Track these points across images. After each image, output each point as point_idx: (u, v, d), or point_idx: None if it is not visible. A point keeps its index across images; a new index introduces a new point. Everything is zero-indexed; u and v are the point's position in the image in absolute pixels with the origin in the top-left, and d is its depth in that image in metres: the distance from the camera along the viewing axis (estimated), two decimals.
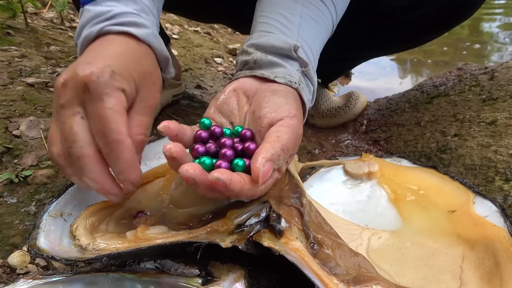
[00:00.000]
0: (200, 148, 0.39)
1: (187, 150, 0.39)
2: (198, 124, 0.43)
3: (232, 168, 0.37)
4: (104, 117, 0.35)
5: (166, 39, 0.87)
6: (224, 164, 0.37)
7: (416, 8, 0.72)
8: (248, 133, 0.41)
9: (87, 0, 0.43)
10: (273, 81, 0.44)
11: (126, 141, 0.36)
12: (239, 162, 0.37)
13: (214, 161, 0.37)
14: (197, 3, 0.85)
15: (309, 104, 0.48)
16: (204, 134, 0.41)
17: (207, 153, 0.39)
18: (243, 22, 0.92)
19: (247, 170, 0.37)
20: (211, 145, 0.40)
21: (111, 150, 0.36)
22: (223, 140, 0.40)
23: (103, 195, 0.39)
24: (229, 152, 0.38)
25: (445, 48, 2.09)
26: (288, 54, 0.46)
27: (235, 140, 0.41)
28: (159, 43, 0.44)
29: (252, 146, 0.39)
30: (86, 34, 0.42)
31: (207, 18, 1.07)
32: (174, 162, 0.36)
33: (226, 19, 0.96)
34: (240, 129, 0.42)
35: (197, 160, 0.37)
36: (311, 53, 0.49)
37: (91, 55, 0.40)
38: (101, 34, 0.41)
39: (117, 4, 0.42)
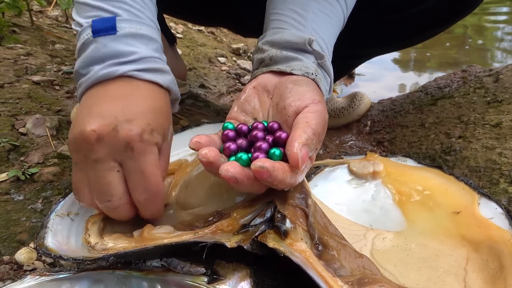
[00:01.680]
0: (232, 145, 0.39)
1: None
2: (221, 129, 0.43)
3: (269, 158, 0.37)
4: (147, 173, 0.38)
5: (172, 39, 0.87)
6: (261, 155, 0.36)
7: (420, 2, 0.72)
8: (276, 125, 0.41)
9: (101, 29, 0.40)
10: (291, 74, 0.45)
11: (162, 192, 0.40)
12: (275, 151, 0.37)
13: (249, 155, 0.37)
14: (200, 8, 0.85)
15: (326, 95, 0.48)
16: (231, 133, 0.41)
17: (239, 150, 0.39)
18: (245, 26, 0.92)
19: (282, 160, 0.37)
20: (243, 141, 0.39)
21: (149, 202, 0.40)
22: (254, 133, 0.40)
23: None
24: (264, 145, 0.38)
25: (447, 44, 2.09)
26: (303, 48, 0.47)
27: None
28: (176, 87, 0.46)
29: (283, 135, 0.38)
30: (104, 72, 0.40)
31: (209, 22, 1.08)
32: (210, 166, 0.36)
33: (228, 23, 0.96)
34: (266, 124, 0.42)
35: (233, 158, 0.37)
36: (326, 46, 0.49)
37: (127, 108, 0.38)
38: (123, 76, 0.40)
39: (138, 45, 0.41)
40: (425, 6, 0.73)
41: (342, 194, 0.56)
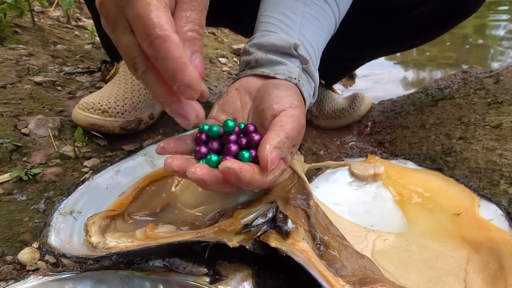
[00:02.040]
0: (203, 149, 0.39)
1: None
2: (197, 130, 0.43)
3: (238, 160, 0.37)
4: (143, 14, 0.31)
5: None
6: (229, 157, 0.37)
7: (420, 5, 0.72)
8: (251, 127, 0.42)
9: None
10: (274, 78, 0.45)
11: (171, 36, 0.31)
12: (244, 154, 0.38)
13: (220, 158, 0.38)
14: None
15: (310, 100, 0.49)
16: (204, 136, 0.41)
17: (210, 152, 0.39)
18: (246, 26, 0.92)
19: (253, 162, 0.37)
20: (214, 143, 0.40)
21: (157, 50, 0.31)
22: (225, 136, 0.40)
23: (172, 114, 0.36)
24: (234, 147, 0.39)
25: (448, 44, 2.09)
26: (288, 52, 0.47)
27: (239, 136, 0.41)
28: None
29: (256, 137, 0.39)
30: None
31: (211, 22, 1.08)
32: (176, 174, 0.36)
33: (229, 23, 0.97)
34: (242, 125, 0.42)
35: (203, 160, 0.38)
36: (313, 50, 0.50)
37: None
38: None
39: None
40: (424, 9, 0.73)
41: (343, 196, 0.56)
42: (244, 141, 0.40)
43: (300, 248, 0.36)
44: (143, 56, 0.33)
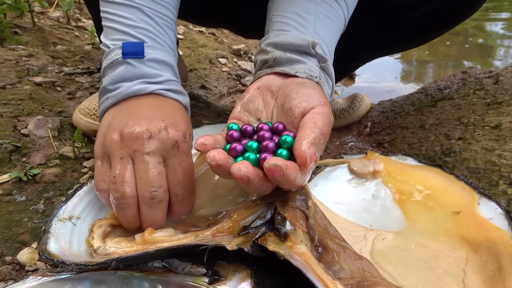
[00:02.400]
0: (238, 146, 0.38)
1: None
2: (226, 129, 0.43)
3: None
4: (188, 170, 0.43)
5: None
6: (269, 155, 0.36)
7: (422, 4, 0.72)
8: (280, 126, 0.41)
9: (131, 52, 0.45)
10: (295, 76, 0.45)
11: (195, 190, 0.45)
12: (282, 151, 0.37)
13: (257, 156, 0.37)
14: (201, 9, 0.85)
15: (329, 98, 0.49)
16: (236, 133, 0.41)
17: (245, 150, 0.39)
18: (246, 27, 0.92)
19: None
20: (250, 141, 0.39)
21: (185, 197, 0.43)
22: (261, 133, 0.40)
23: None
24: (271, 144, 0.38)
25: (448, 43, 2.09)
26: (307, 51, 0.47)
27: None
28: (189, 107, 0.51)
29: (291, 134, 0.38)
30: (137, 88, 0.45)
31: (210, 23, 1.08)
32: (219, 169, 0.36)
33: (229, 24, 0.97)
34: (270, 124, 0.42)
35: (240, 158, 0.37)
36: (327, 49, 0.50)
37: (167, 114, 0.44)
38: (152, 93, 0.45)
39: (162, 69, 0.47)
40: (425, 9, 0.73)
41: (343, 194, 0.56)
42: (276, 139, 0.39)
43: (298, 251, 0.36)
44: (166, 190, 0.42)
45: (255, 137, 0.41)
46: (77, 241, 0.41)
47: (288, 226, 0.38)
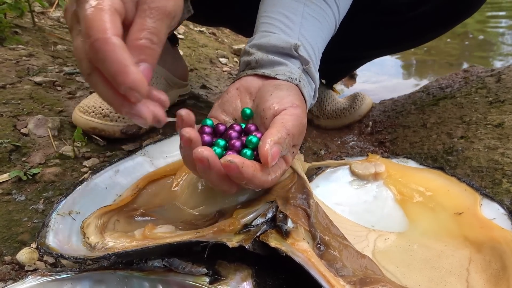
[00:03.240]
0: (206, 137, 0.39)
1: None
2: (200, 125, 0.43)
3: None
4: (86, 17, 0.31)
5: (174, 39, 0.87)
6: (232, 153, 0.37)
7: (421, 4, 0.72)
8: (252, 127, 0.42)
9: None
10: (275, 78, 0.45)
11: (110, 39, 0.31)
12: (247, 152, 0.38)
13: (223, 152, 0.38)
14: (201, 8, 0.85)
15: (310, 101, 0.49)
16: (208, 129, 0.41)
17: (213, 145, 0.39)
18: (246, 25, 0.92)
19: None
20: (219, 139, 0.40)
21: (96, 52, 0.31)
22: (229, 132, 0.41)
23: (127, 116, 0.34)
24: (237, 143, 0.39)
25: (448, 40, 2.08)
26: (289, 53, 0.47)
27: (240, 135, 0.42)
28: None
29: (258, 135, 0.39)
30: None
31: (211, 22, 1.08)
32: (188, 145, 0.36)
33: (229, 23, 0.96)
34: (243, 126, 0.43)
35: None
36: (313, 51, 0.50)
37: None
38: None
39: None
40: (425, 8, 0.72)
41: (344, 195, 0.56)
42: (245, 139, 0.40)
43: (300, 248, 0.36)
44: (88, 59, 0.32)
45: (224, 136, 0.41)
46: (76, 235, 0.41)
47: (290, 224, 0.38)
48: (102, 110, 0.67)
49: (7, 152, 0.62)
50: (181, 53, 1.38)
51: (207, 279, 0.36)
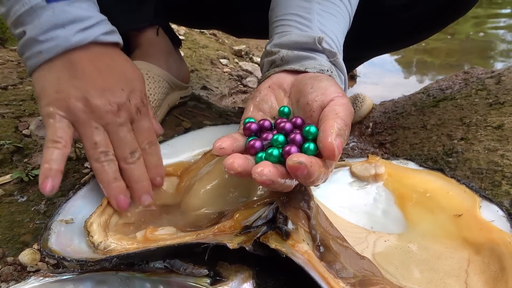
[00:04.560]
0: (257, 143, 0.37)
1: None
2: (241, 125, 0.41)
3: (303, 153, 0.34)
4: (151, 128, 0.48)
5: (177, 41, 0.87)
6: (294, 149, 0.35)
7: (416, 5, 0.73)
8: (299, 121, 0.39)
9: None
10: (306, 72, 0.43)
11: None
12: (310, 145, 0.35)
13: (280, 151, 0.35)
14: (192, 11, 0.86)
15: (341, 84, 0.47)
16: (254, 125, 0.39)
17: (264, 147, 0.37)
18: (237, 25, 0.92)
19: None
20: (268, 135, 0.38)
21: (153, 150, 0.47)
22: (281, 125, 0.38)
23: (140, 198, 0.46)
24: (298, 137, 0.36)
25: (448, 37, 2.09)
26: (313, 47, 0.46)
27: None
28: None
29: (313, 128, 0.36)
30: (76, 40, 0.42)
31: (201, 25, 1.08)
32: (240, 176, 0.35)
33: (220, 24, 0.96)
34: (286, 109, 0.41)
35: (261, 154, 0.36)
36: (335, 44, 0.48)
37: (122, 79, 0.46)
38: (92, 43, 0.44)
39: (90, 8, 0.45)
40: (419, 9, 0.73)
41: (344, 197, 0.56)
42: (297, 134, 0.37)
43: (300, 250, 0.36)
44: (138, 148, 0.46)
45: (275, 131, 0.39)
46: (78, 238, 0.41)
47: (290, 225, 0.38)
48: None
49: (9, 153, 0.62)
50: (182, 54, 1.39)
51: (208, 280, 0.36)
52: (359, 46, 0.86)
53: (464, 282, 0.41)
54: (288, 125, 0.38)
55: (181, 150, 0.55)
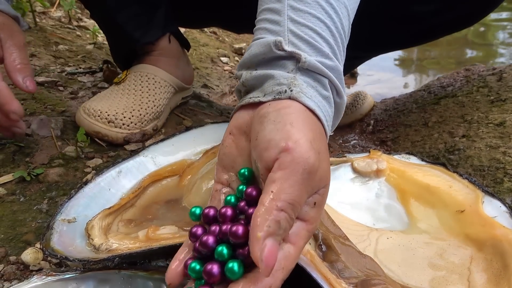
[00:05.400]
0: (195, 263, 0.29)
1: None
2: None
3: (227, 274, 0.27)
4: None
5: (186, 45, 0.87)
6: (215, 269, 0.27)
7: (444, 12, 0.73)
8: (254, 192, 0.31)
9: None
10: (260, 103, 0.34)
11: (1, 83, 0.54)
12: (234, 266, 0.27)
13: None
14: (189, 13, 0.86)
15: (323, 106, 0.34)
16: (199, 230, 0.31)
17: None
18: (234, 21, 0.92)
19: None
20: (209, 239, 0.29)
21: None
22: (205, 239, 0.29)
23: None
24: (215, 270, 0.27)
25: (450, 38, 2.08)
26: (273, 56, 0.35)
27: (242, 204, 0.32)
28: (5, 6, 0.59)
29: (225, 250, 0.28)
30: None
31: (201, 23, 1.08)
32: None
33: (220, 20, 0.96)
34: (246, 172, 0.33)
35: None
36: (310, 37, 0.35)
37: None
38: None
39: None
40: (447, 16, 0.73)
41: (346, 193, 0.56)
42: (249, 210, 0.30)
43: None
44: None
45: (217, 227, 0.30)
46: (80, 237, 0.42)
47: None
48: (108, 115, 0.67)
49: (11, 152, 0.62)
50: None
51: None
52: (369, 47, 0.85)
53: (466, 279, 0.41)
54: (211, 240, 0.29)
55: (183, 148, 0.55)
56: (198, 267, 0.29)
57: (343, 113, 0.40)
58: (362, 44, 0.83)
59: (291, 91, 0.32)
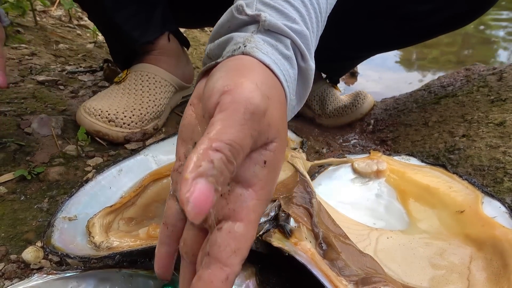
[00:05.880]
0: None
1: None
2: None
3: None
4: None
5: (186, 43, 0.87)
6: None
7: (441, 11, 0.72)
8: None
9: None
10: (216, 65, 0.32)
11: None
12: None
13: None
14: (188, 13, 0.86)
15: (281, 65, 0.32)
16: None
17: None
18: None
19: None
20: None
21: None
22: None
23: None
24: None
25: (450, 38, 2.08)
26: (235, 22, 0.34)
27: None
28: None
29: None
30: None
31: (197, 25, 1.08)
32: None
33: (216, 21, 0.96)
34: None
35: None
36: (278, 2, 0.34)
37: None
38: None
39: None
40: (443, 15, 0.73)
41: (346, 193, 0.56)
42: None
43: (302, 248, 0.36)
44: None
45: None
46: (80, 235, 0.42)
47: (292, 223, 0.38)
48: (109, 114, 0.67)
49: (11, 151, 0.62)
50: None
51: None
52: (366, 47, 0.85)
53: (466, 278, 0.41)
54: None
55: None
56: None
57: (311, 82, 0.37)
58: (360, 44, 0.83)
59: (245, 46, 0.30)
